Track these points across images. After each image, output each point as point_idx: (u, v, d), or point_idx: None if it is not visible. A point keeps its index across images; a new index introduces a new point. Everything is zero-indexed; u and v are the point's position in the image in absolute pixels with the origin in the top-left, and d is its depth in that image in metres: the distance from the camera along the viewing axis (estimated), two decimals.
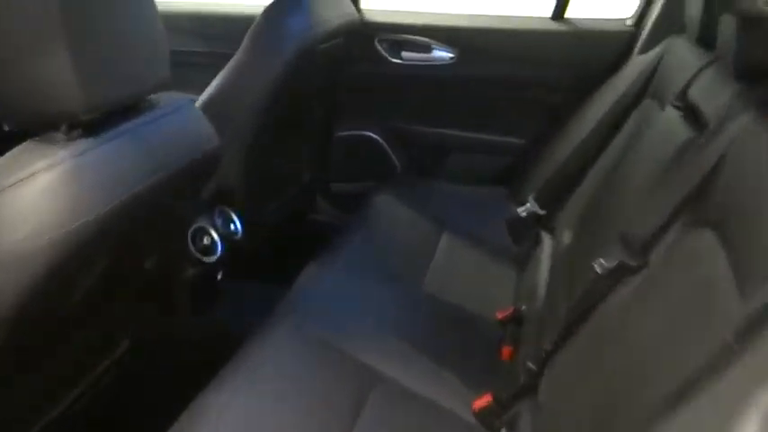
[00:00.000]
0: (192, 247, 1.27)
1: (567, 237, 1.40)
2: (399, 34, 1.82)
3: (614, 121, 1.49)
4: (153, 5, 0.85)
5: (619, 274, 0.90)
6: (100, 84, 0.77)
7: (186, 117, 0.97)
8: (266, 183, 1.64)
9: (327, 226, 2.01)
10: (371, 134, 1.97)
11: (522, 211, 1.64)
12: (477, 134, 1.89)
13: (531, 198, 1.64)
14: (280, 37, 1.38)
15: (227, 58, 1.37)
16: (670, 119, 1.13)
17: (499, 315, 1.36)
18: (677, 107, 1.12)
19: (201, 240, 1.30)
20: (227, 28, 1.94)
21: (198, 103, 1.41)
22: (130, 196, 0.81)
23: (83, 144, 0.77)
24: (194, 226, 1.29)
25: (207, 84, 1.37)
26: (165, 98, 0.94)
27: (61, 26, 0.70)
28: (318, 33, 1.45)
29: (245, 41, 1.39)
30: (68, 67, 0.72)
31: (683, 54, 1.34)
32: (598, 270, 0.93)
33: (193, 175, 0.98)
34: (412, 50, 1.83)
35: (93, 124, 0.78)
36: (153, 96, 0.91)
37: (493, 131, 1.88)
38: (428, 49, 1.81)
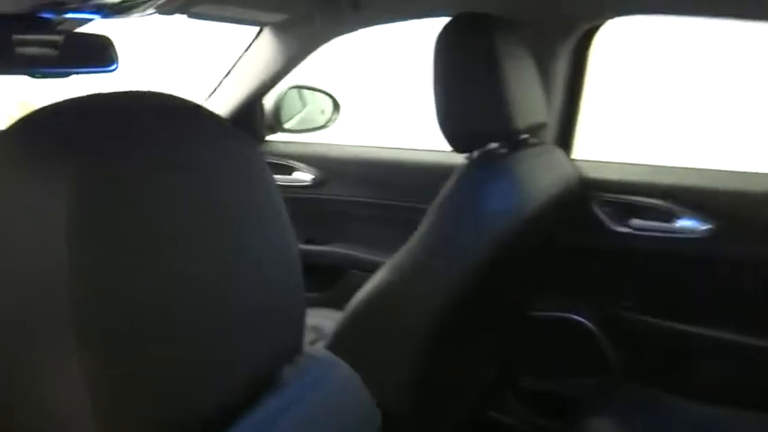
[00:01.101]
0: None
1: None
2: (628, 195, 1.36)
3: None
4: (282, 231, 0.49)
5: None
6: (151, 397, 0.40)
7: (334, 393, 0.58)
8: (439, 396, 1.22)
9: None
10: (580, 319, 1.48)
11: None
12: (740, 337, 1.32)
13: None
14: (477, 217, 0.99)
15: (406, 211, 1.09)
16: None
17: None
18: None
19: None
20: (405, 178, 1.63)
21: (365, 291, 1.06)
22: None
23: None
24: None
25: (381, 239, 1.05)
26: (303, 365, 0.56)
27: (68, 306, 0.35)
28: (528, 210, 1.05)
29: (431, 216, 1.03)
30: (79, 379, 0.36)
31: None
32: None
33: None
34: (645, 217, 1.35)
35: None
36: (285, 370, 0.54)
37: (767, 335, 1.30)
38: (669, 216, 1.32)
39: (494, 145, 1.11)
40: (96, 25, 1.20)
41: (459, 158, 1.14)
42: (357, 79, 4.87)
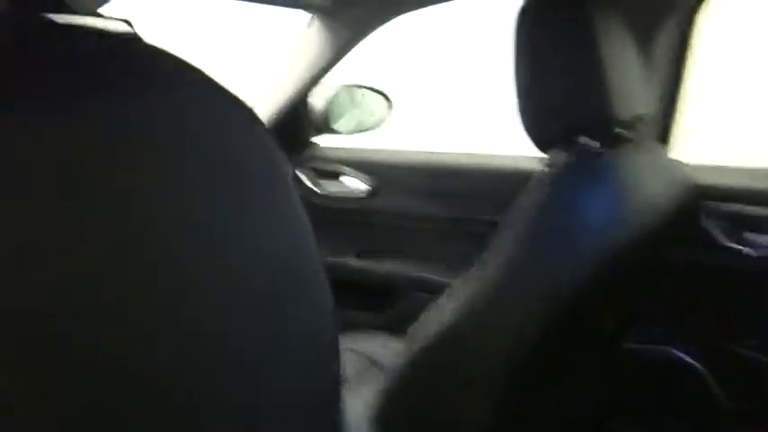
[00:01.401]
0: None
1: None
2: (746, 206, 1.12)
3: None
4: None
5: None
6: None
7: None
8: None
9: None
10: (683, 356, 1.24)
11: None
12: None
13: None
14: (574, 230, 0.79)
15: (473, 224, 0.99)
16: None
17: None
18: None
19: None
20: (473, 187, 1.42)
21: (433, 325, 0.88)
22: None
23: None
24: None
25: (442, 256, 0.99)
26: None
27: None
28: (636, 223, 0.83)
29: (512, 230, 0.83)
30: None
31: None
32: None
33: None
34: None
35: None
36: None
37: None
38: None
39: (585, 140, 0.89)
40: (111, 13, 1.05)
41: (535, 163, 0.94)
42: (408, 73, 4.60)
